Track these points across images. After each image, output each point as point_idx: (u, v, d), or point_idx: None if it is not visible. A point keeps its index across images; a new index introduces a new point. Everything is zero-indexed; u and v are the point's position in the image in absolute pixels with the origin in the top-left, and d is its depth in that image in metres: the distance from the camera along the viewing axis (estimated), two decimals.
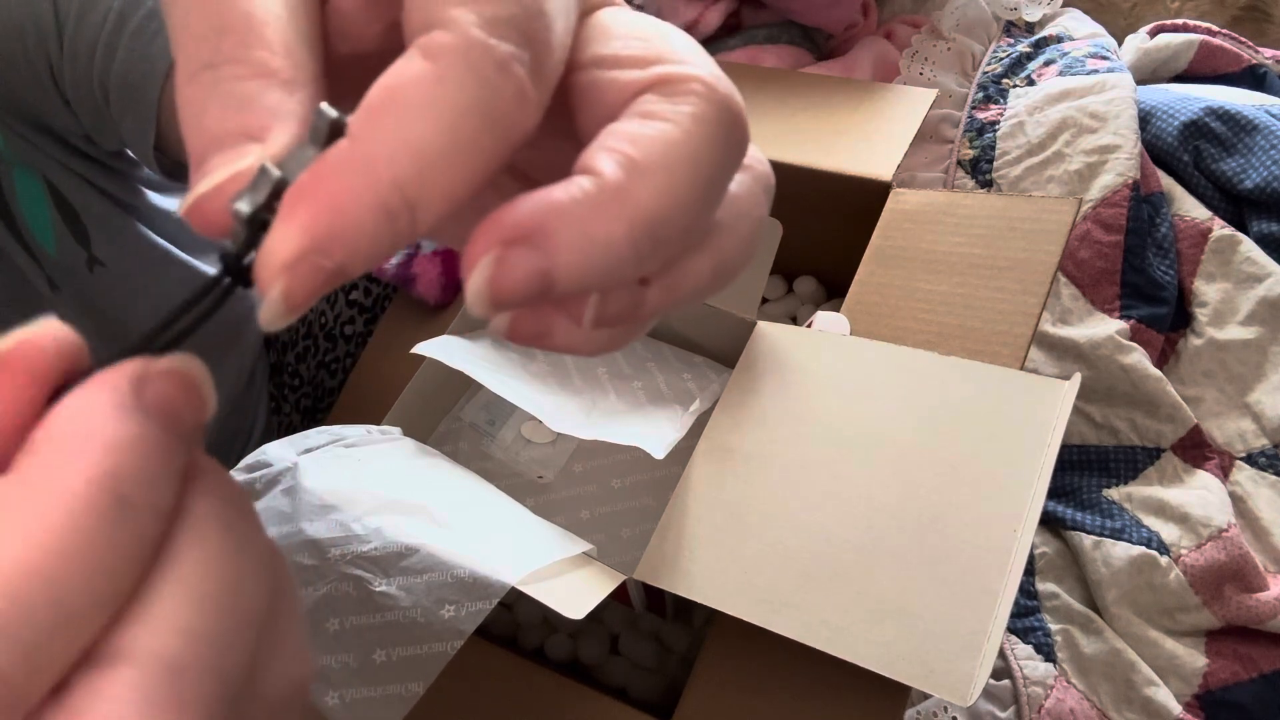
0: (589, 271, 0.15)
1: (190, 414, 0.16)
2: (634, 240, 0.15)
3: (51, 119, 0.43)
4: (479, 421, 0.51)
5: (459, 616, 0.30)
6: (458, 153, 0.15)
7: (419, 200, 0.15)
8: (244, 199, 0.15)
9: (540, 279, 0.15)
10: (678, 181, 0.16)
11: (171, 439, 0.15)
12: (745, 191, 0.19)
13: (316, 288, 0.15)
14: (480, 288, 0.15)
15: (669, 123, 0.16)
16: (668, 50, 0.17)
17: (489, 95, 0.15)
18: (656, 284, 0.18)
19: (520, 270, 0.15)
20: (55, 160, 0.44)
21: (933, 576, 0.33)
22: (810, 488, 0.37)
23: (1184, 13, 0.78)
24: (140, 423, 0.15)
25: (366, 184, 0.14)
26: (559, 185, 0.15)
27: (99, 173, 0.47)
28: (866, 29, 0.79)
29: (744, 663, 0.37)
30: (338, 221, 0.14)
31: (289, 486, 0.35)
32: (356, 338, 0.63)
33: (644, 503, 0.46)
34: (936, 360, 0.39)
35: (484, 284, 0.15)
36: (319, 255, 0.14)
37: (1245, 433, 0.55)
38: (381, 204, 0.14)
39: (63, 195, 0.45)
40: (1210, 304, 0.57)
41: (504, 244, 0.15)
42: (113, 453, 0.14)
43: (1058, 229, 0.43)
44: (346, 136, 0.15)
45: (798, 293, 0.61)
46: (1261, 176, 0.57)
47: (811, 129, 0.54)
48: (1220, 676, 0.49)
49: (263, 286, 0.15)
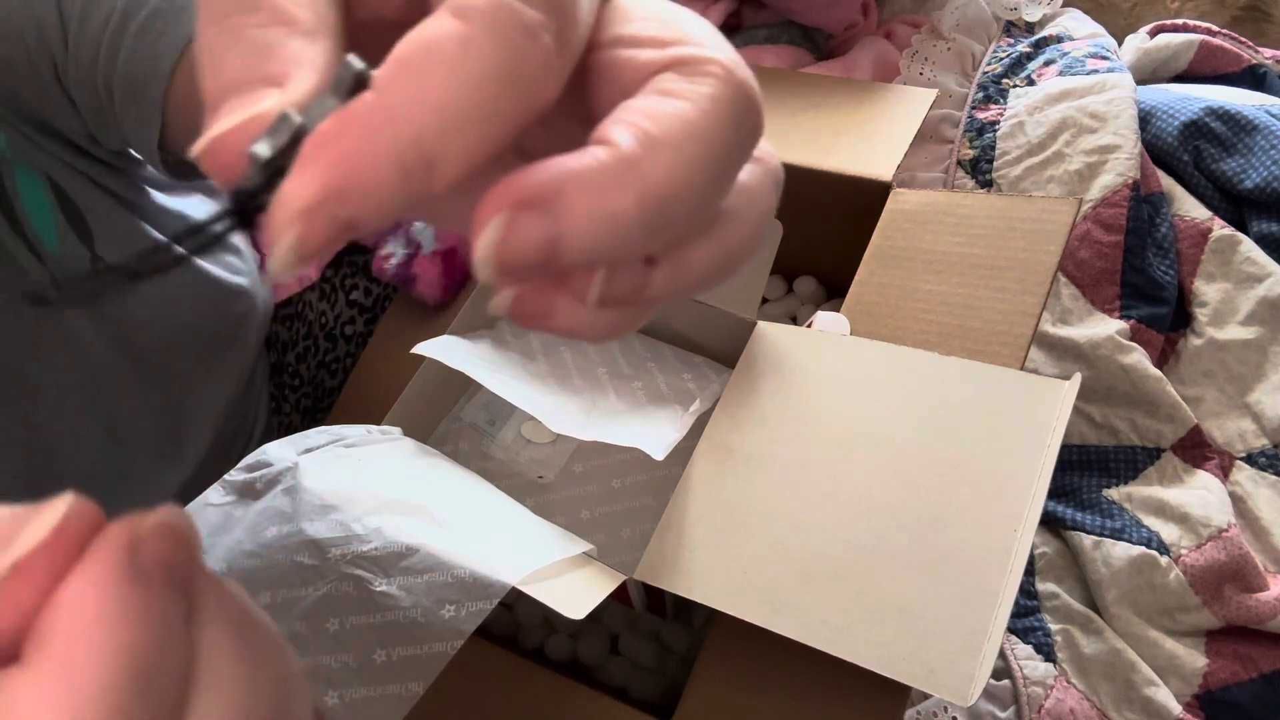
0: (597, 242, 0.15)
1: (185, 565, 0.16)
2: (644, 214, 0.15)
3: (55, 119, 0.43)
4: (479, 421, 0.51)
5: (459, 616, 0.30)
6: (480, 114, 0.15)
7: (438, 157, 0.15)
8: (263, 142, 0.15)
9: (548, 246, 0.15)
10: (691, 159, 0.16)
11: (174, 595, 0.15)
12: (755, 182, 0.19)
13: (328, 238, 0.14)
14: (488, 251, 0.15)
15: (686, 101, 0.16)
16: (687, 33, 0.17)
17: (515, 60, 0.15)
18: (662, 266, 0.18)
19: (529, 235, 0.15)
20: (58, 159, 0.44)
21: (933, 576, 0.33)
22: (810, 488, 0.37)
23: (1184, 13, 0.78)
24: (144, 591, 0.15)
25: (388, 137, 0.14)
26: (573, 154, 0.15)
27: (103, 171, 0.47)
28: (866, 29, 0.79)
29: (744, 663, 0.37)
30: (356, 173, 0.14)
31: (289, 486, 0.35)
32: (356, 338, 0.63)
33: (644, 503, 0.46)
34: (936, 360, 0.39)
35: (491, 247, 0.15)
36: (335, 205, 0.14)
37: (1245, 433, 0.55)
38: (400, 158, 0.14)
39: (66, 194, 0.45)
40: (1210, 304, 0.57)
41: (515, 206, 0.15)
42: (123, 630, 0.14)
43: (1058, 229, 0.43)
44: (370, 89, 0.15)
45: (798, 293, 0.61)
46: (1261, 176, 0.57)
47: (811, 129, 0.54)
48: (1220, 676, 0.49)
49: (275, 233, 0.14)
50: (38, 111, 0.43)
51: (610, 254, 0.16)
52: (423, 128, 0.14)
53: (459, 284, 0.59)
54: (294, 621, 0.32)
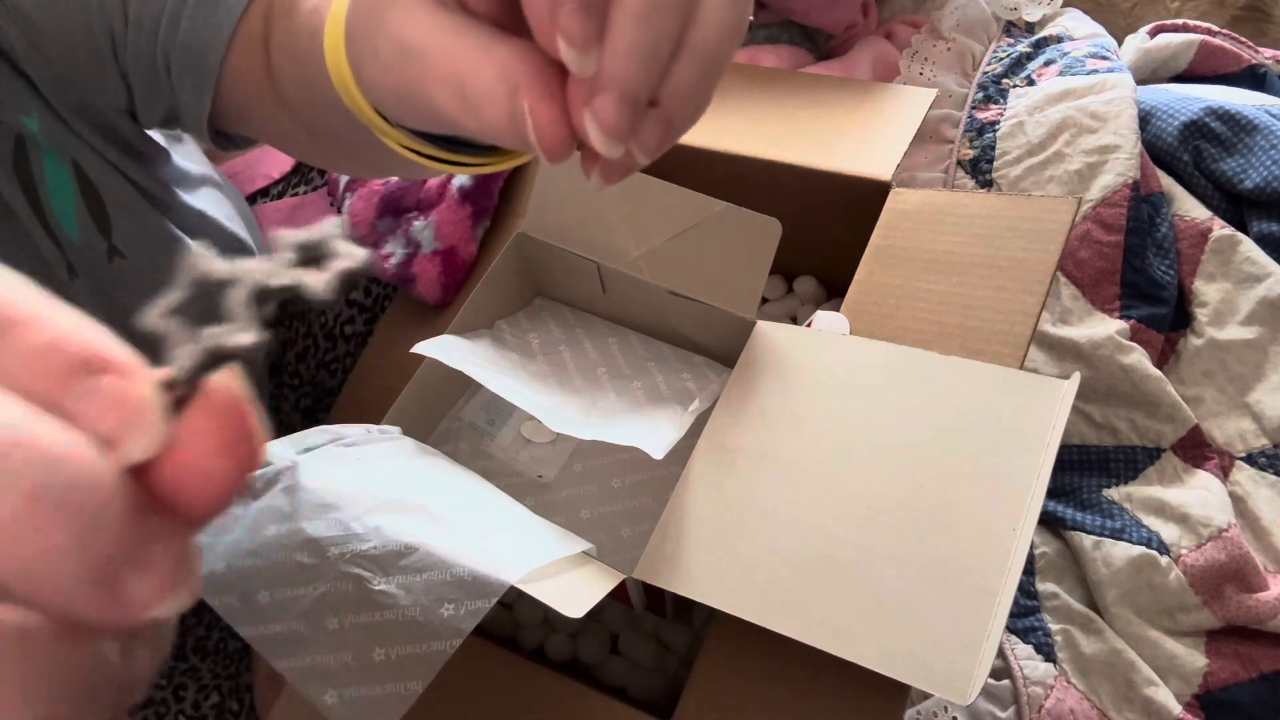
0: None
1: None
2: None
3: (99, 97, 0.44)
4: (479, 421, 0.51)
5: (458, 615, 0.30)
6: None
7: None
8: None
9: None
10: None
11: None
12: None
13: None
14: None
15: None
16: None
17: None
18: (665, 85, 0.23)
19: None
20: (89, 146, 0.45)
21: (933, 576, 0.33)
22: (810, 488, 0.37)
23: (1184, 13, 0.78)
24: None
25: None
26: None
27: (130, 161, 0.47)
28: (866, 29, 0.79)
29: (744, 663, 0.37)
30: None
31: (289, 485, 0.35)
32: (356, 338, 0.63)
33: (644, 502, 0.46)
34: (936, 360, 0.39)
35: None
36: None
37: (1245, 433, 0.55)
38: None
39: (90, 182, 0.46)
40: (1210, 304, 0.57)
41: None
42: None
43: (1057, 229, 0.43)
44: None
45: (798, 293, 0.61)
46: (1261, 176, 0.57)
47: (811, 129, 0.54)
48: (1220, 676, 0.49)
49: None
50: (82, 88, 0.43)
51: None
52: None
53: (459, 284, 0.59)
54: (294, 620, 0.32)
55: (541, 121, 0.22)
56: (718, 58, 0.23)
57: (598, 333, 0.51)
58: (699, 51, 0.22)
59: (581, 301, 0.52)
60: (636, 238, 0.45)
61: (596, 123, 0.22)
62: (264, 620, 0.32)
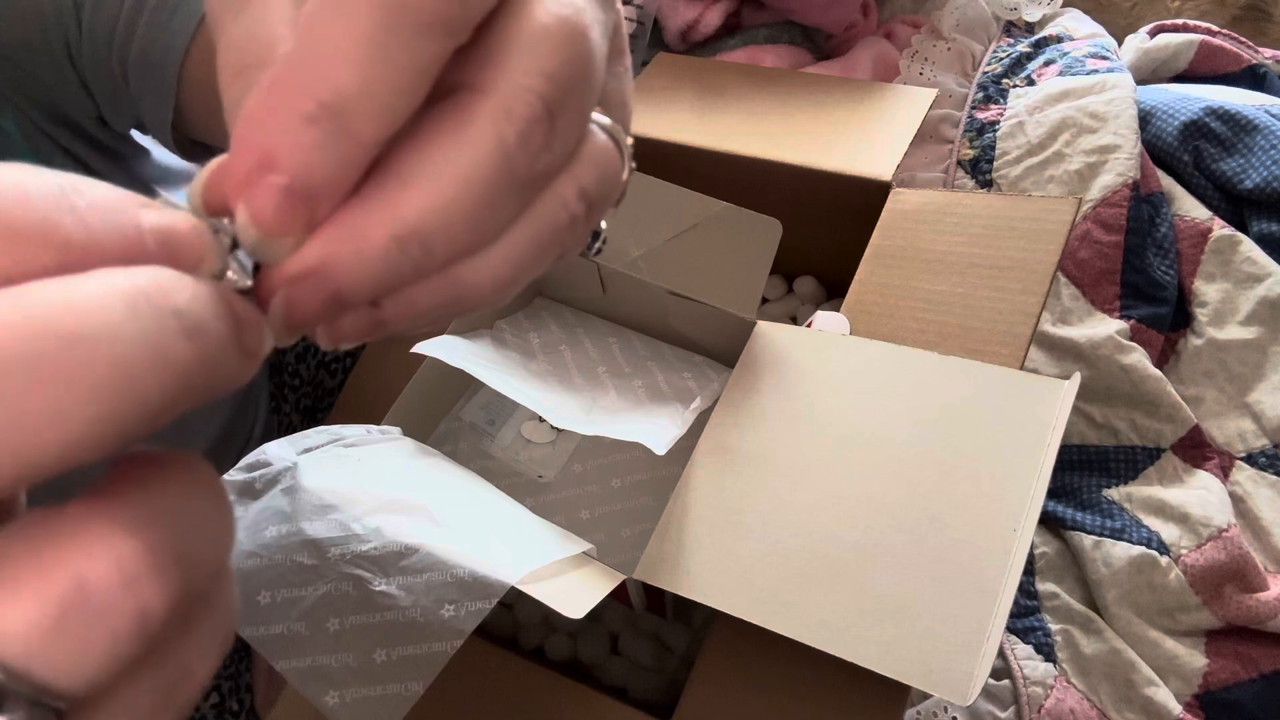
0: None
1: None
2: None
3: (65, 102, 0.43)
4: (479, 421, 0.51)
5: (459, 616, 0.30)
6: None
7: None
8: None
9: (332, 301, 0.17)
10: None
11: None
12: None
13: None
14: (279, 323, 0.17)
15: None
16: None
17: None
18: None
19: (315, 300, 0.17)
20: (65, 149, 0.45)
21: (932, 576, 0.33)
22: (810, 488, 0.37)
23: (1184, 13, 0.78)
24: None
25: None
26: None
27: (107, 163, 0.47)
28: (866, 29, 0.79)
29: (744, 663, 0.37)
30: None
31: (289, 486, 0.35)
32: None
33: (644, 502, 0.46)
34: (936, 360, 0.39)
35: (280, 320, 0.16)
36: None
37: (1245, 433, 0.55)
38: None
39: None
40: (1210, 304, 0.57)
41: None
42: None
43: (1057, 229, 0.43)
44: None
45: (798, 293, 0.61)
46: (1261, 176, 0.57)
47: (811, 129, 0.54)
48: (1220, 676, 0.49)
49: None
50: (50, 95, 0.43)
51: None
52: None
53: None
54: (294, 621, 0.32)
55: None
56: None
57: (598, 332, 0.51)
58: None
59: (581, 301, 0.52)
60: (636, 238, 0.45)
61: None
62: (264, 621, 0.32)
